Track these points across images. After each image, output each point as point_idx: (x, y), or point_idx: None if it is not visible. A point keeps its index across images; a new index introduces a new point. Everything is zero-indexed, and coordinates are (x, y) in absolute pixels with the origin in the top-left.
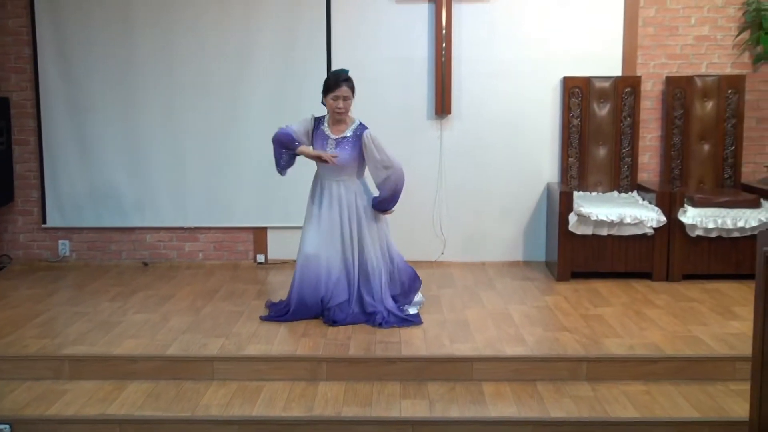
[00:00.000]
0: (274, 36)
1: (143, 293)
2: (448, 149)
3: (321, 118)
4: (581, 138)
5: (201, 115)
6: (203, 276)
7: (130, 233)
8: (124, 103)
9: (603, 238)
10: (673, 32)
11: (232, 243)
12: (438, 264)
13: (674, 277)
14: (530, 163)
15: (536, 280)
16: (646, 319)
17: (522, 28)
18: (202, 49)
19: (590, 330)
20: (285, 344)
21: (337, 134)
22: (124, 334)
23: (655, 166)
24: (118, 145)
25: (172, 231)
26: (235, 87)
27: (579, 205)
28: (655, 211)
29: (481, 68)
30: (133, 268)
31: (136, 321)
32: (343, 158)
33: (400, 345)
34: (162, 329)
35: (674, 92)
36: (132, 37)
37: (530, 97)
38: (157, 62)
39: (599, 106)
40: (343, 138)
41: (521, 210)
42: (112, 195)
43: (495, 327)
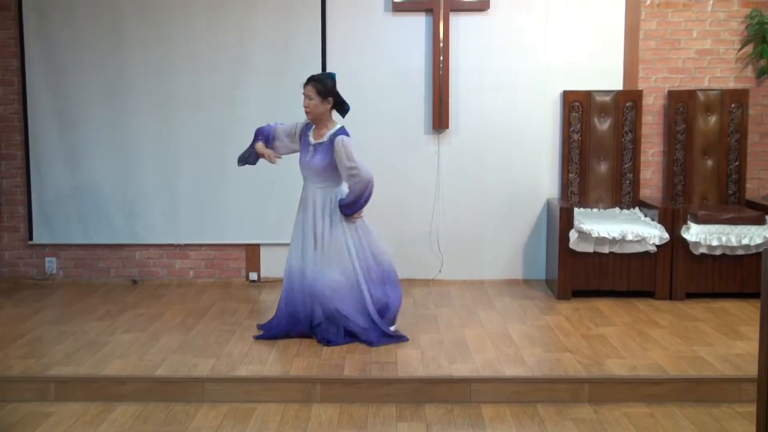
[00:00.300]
0: (268, 49)
1: (132, 312)
2: (446, 164)
3: (310, 124)
4: (582, 153)
5: (193, 128)
6: (194, 294)
7: (119, 250)
8: (114, 116)
9: (604, 256)
10: (675, 46)
11: (223, 260)
12: (435, 282)
13: (678, 296)
14: (530, 179)
15: (536, 298)
16: (649, 340)
17: (521, 40)
18: (195, 61)
19: (592, 350)
20: (278, 365)
21: (317, 139)
22: (112, 355)
23: (657, 182)
24: (108, 159)
25: (163, 248)
26: (228, 101)
27: (580, 222)
28: (657, 228)
29: (480, 81)
30: (122, 286)
31: (125, 341)
32: (316, 164)
33: (397, 366)
34: (151, 349)
35: (676, 107)
36: (123, 49)
37: (530, 111)
38: (148, 75)
39: (600, 120)
40: (320, 143)
41: (521, 227)
42: (100, 211)
43: (494, 347)
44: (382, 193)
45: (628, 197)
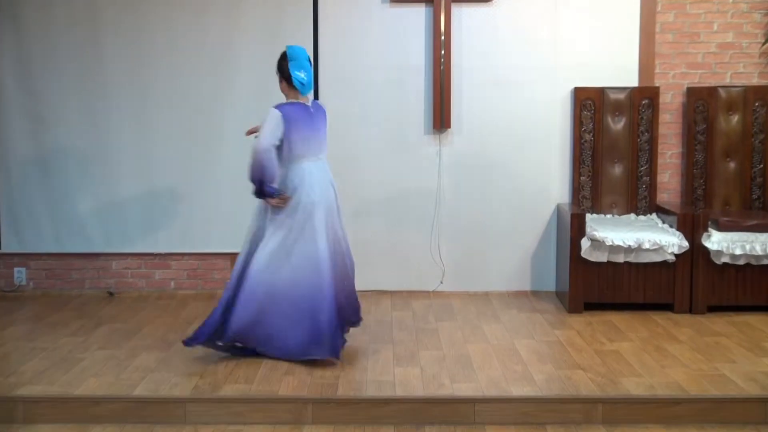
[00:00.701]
0: (254, 45)
1: (108, 326)
2: (448, 167)
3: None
4: (594, 155)
5: (174, 130)
6: (175, 307)
7: (93, 259)
8: (89, 117)
9: (619, 266)
10: (694, 39)
11: (207, 270)
12: (436, 294)
13: (698, 309)
14: (538, 183)
15: (546, 312)
16: (668, 356)
17: (528, 33)
18: (177, 61)
19: (606, 368)
20: (266, 384)
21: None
22: (86, 373)
23: (675, 186)
24: (82, 162)
25: (141, 257)
26: (212, 101)
27: (592, 229)
28: (676, 235)
29: (484, 78)
30: (97, 299)
31: (100, 357)
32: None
33: (394, 384)
34: (128, 367)
35: (696, 105)
36: (99, 48)
37: (538, 110)
38: (125, 73)
39: (614, 119)
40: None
41: (528, 234)
42: (74, 217)
43: (500, 364)
44: (378, 197)
45: (645, 202)
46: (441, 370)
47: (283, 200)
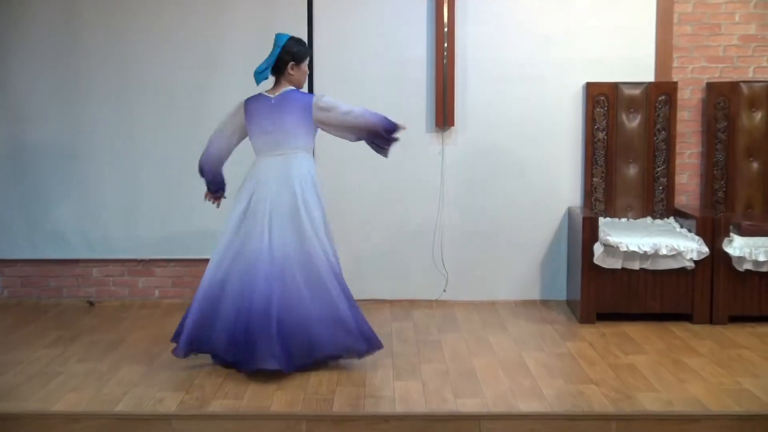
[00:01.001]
0: (245, 36)
1: (88, 338)
2: (451, 167)
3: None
4: (608, 154)
5: (159, 129)
6: (160, 317)
7: (72, 266)
8: (68, 113)
9: (634, 273)
10: (715, 31)
11: (194, 278)
12: (439, 304)
13: (719, 320)
14: (548, 184)
15: (556, 322)
16: (687, 370)
17: (538, 24)
18: (162, 54)
19: (620, 382)
20: (257, 399)
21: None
22: (64, 387)
23: (694, 188)
24: (60, 162)
25: (124, 264)
26: (199, 96)
27: (606, 234)
28: (695, 240)
29: (490, 72)
30: (77, 308)
31: (79, 371)
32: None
33: (394, 400)
34: (110, 381)
35: (716, 101)
36: (78, 41)
37: (547, 106)
38: (107, 69)
39: (629, 117)
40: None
41: (538, 239)
42: (51, 221)
43: (507, 378)
44: (376, 200)
45: (662, 205)
46: (444, 385)
47: (209, 196)
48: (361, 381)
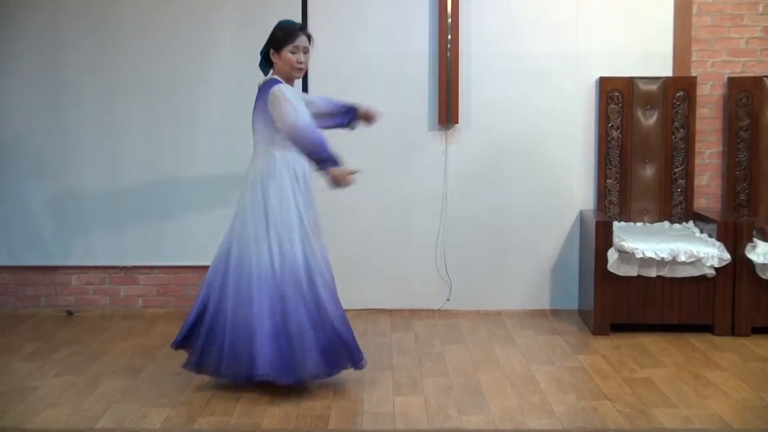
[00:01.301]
0: (234, 32)
1: (67, 350)
2: (455, 168)
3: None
4: (622, 154)
5: (143, 127)
6: (143, 328)
7: (51, 274)
8: (46, 110)
9: (651, 281)
10: (737, 22)
11: (180, 286)
12: (442, 313)
13: (741, 331)
14: (558, 186)
15: (567, 333)
16: (707, 384)
17: (548, 15)
18: (147, 54)
19: (636, 398)
20: (247, 416)
21: None
22: (41, 403)
23: (715, 190)
24: (39, 162)
25: (105, 271)
26: (186, 93)
27: (620, 239)
28: (716, 246)
29: (496, 66)
30: (55, 318)
31: (58, 385)
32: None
33: (394, 417)
34: (90, 396)
35: (738, 97)
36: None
37: (558, 103)
38: (88, 61)
39: (645, 114)
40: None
41: (547, 245)
42: (28, 226)
43: (515, 394)
44: (376, 203)
45: (680, 209)
46: (447, 400)
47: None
48: (358, 396)
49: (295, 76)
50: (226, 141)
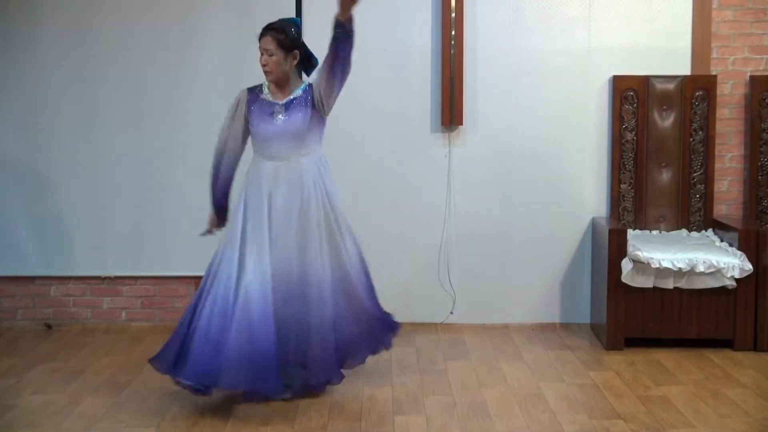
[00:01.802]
0: (222, 27)
1: (45, 366)
2: (459, 172)
3: (258, 87)
4: (637, 158)
5: (126, 130)
6: (127, 342)
7: (28, 284)
8: (22, 112)
9: (668, 293)
10: (759, 17)
11: (166, 298)
12: (445, 327)
13: (764, 346)
14: (569, 192)
15: (578, 349)
16: (727, 403)
17: (558, 9)
18: (129, 45)
19: (651, 417)
20: None
21: (284, 98)
22: (18, 423)
23: (736, 196)
24: (15, 165)
25: (86, 281)
26: (171, 94)
27: (635, 248)
28: (737, 256)
29: (503, 64)
30: (33, 332)
31: (35, 404)
32: (297, 124)
33: None
34: (70, 415)
35: (762, 97)
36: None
37: (569, 103)
38: (67, 62)
39: (661, 115)
40: (293, 99)
41: (557, 254)
42: (4, 234)
43: (523, 413)
44: (375, 211)
45: (699, 216)
46: (451, 420)
47: None
48: (356, 414)
49: (268, 78)
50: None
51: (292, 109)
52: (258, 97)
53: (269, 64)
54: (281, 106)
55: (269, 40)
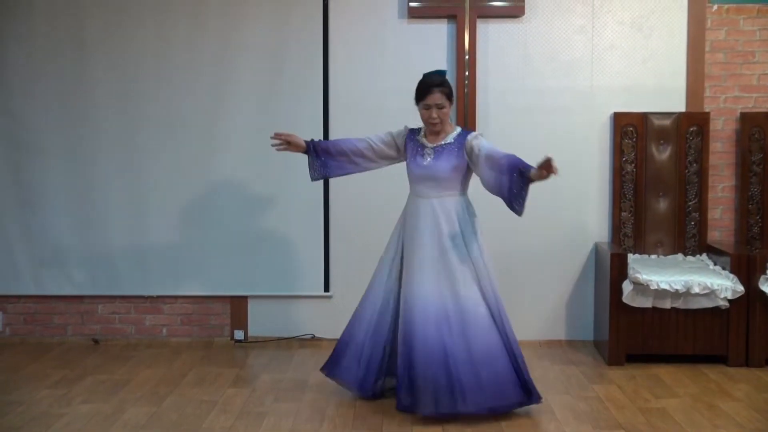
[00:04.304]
0: (257, 66)
1: (92, 378)
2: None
3: (417, 130)
4: (636, 188)
5: (168, 158)
6: (167, 356)
7: (77, 303)
8: (73, 143)
9: (665, 313)
10: (748, 59)
11: (203, 316)
12: None
13: (755, 362)
14: (574, 219)
15: (582, 364)
16: (721, 415)
17: (563, 52)
18: (171, 79)
19: (651, 428)
20: None
21: (435, 142)
22: (67, 430)
23: (728, 223)
24: (65, 194)
25: (130, 300)
26: (210, 125)
27: (635, 271)
28: (729, 278)
29: (512, 102)
30: (81, 347)
31: (83, 413)
32: (441, 168)
33: None
34: (115, 423)
35: (751, 132)
36: (86, 65)
37: (573, 138)
38: (115, 98)
39: (658, 148)
40: (446, 145)
41: (563, 276)
42: (56, 256)
43: (531, 424)
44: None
45: (694, 241)
46: (465, 429)
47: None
48: (377, 425)
49: (431, 129)
50: (249, 173)
51: (440, 154)
52: (414, 137)
53: (439, 117)
54: (431, 149)
55: (439, 96)
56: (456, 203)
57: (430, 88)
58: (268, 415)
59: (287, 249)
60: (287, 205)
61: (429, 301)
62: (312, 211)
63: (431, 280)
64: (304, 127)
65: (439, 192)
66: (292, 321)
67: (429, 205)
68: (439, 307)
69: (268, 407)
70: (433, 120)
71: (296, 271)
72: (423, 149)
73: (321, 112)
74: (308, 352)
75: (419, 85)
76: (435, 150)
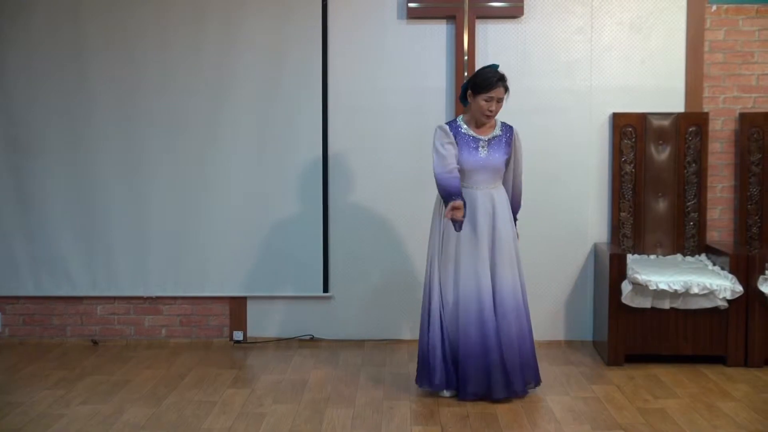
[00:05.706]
0: (258, 64)
1: (91, 379)
2: None
3: (453, 123)
4: (636, 188)
5: (168, 160)
6: (166, 357)
7: (76, 304)
8: (73, 143)
9: (664, 313)
10: (747, 59)
11: (202, 317)
12: None
13: (754, 362)
14: (573, 219)
15: (582, 364)
16: (720, 415)
17: (562, 53)
18: (171, 79)
19: (650, 428)
20: None
21: (486, 134)
22: (67, 430)
23: (727, 223)
24: (65, 195)
25: (129, 301)
26: (210, 126)
27: (634, 272)
28: (728, 279)
29: (512, 103)
30: (80, 347)
31: (83, 414)
32: (497, 161)
33: None
34: (115, 424)
35: (750, 132)
36: (86, 65)
37: (572, 138)
38: (115, 97)
39: (657, 149)
40: (495, 137)
41: (562, 277)
42: (55, 257)
43: (530, 423)
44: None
45: (693, 241)
46: (464, 429)
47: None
48: (376, 425)
49: (483, 121)
50: (248, 174)
51: (493, 146)
52: (459, 130)
53: (495, 109)
54: (485, 141)
55: (503, 90)
56: (504, 192)
57: (497, 81)
58: (267, 416)
59: (286, 250)
60: (287, 205)
61: (505, 293)
62: (311, 211)
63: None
64: (304, 127)
65: (495, 182)
66: (291, 322)
67: (488, 195)
68: (509, 293)
69: (267, 408)
70: (491, 112)
71: (295, 271)
72: (477, 141)
73: (320, 112)
74: (307, 353)
75: (483, 77)
76: (489, 142)
